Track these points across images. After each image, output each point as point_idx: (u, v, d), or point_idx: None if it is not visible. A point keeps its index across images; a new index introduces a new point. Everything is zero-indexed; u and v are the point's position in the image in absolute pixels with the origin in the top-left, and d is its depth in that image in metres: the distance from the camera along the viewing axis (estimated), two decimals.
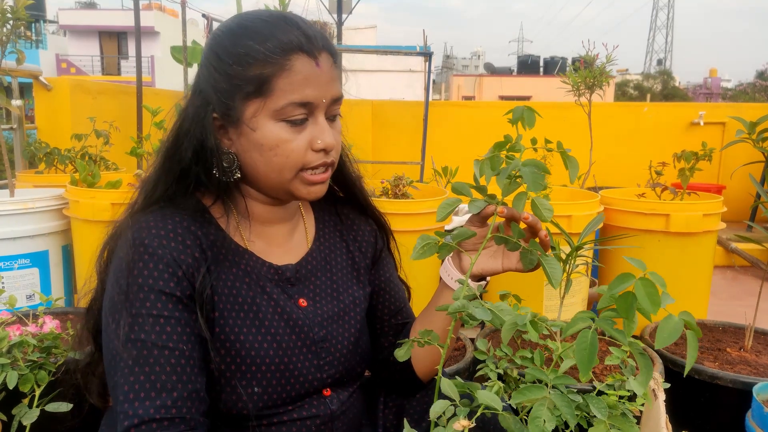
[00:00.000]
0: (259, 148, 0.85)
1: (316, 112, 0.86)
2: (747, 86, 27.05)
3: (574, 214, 2.17)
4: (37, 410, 1.31)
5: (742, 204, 4.34)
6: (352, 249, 1.06)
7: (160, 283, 0.80)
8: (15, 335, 1.40)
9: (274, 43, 0.82)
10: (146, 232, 0.82)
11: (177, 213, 0.86)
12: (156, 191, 0.89)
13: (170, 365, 0.78)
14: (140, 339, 0.78)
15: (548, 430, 0.68)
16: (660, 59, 53.76)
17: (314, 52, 0.84)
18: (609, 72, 2.96)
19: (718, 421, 1.71)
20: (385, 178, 2.39)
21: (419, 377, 1.04)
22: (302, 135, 0.85)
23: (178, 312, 0.80)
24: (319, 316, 0.95)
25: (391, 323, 1.08)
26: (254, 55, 0.82)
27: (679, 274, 2.31)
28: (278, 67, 0.82)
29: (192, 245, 0.84)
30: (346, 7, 9.66)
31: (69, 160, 3.05)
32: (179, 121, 0.90)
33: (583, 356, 0.64)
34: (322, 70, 0.85)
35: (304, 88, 0.83)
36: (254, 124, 0.84)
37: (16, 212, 2.18)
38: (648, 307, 0.63)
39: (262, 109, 0.83)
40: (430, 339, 0.81)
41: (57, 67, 23.22)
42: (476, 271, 0.94)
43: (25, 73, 3.49)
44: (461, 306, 0.72)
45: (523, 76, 29.01)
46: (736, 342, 1.94)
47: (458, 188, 0.83)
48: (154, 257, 0.80)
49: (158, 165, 0.91)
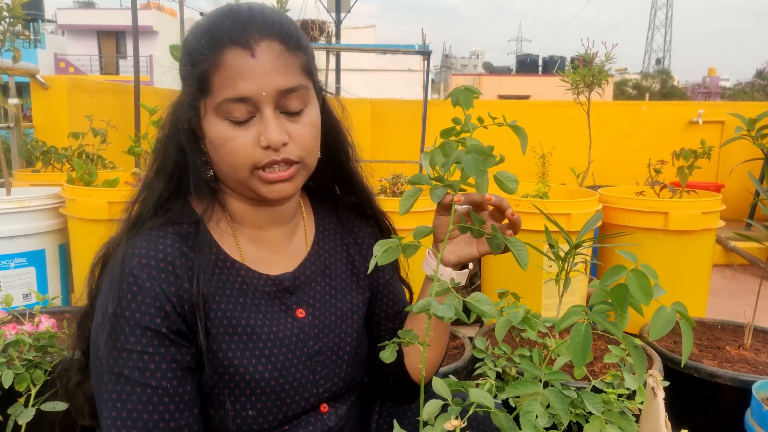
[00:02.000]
0: (213, 146, 0.83)
1: (261, 106, 0.80)
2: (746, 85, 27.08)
3: (572, 212, 2.16)
4: (32, 409, 1.30)
5: (740, 203, 4.34)
6: (352, 253, 1.03)
7: (147, 318, 0.77)
8: (11, 334, 1.40)
9: (206, 38, 0.79)
10: (136, 261, 0.79)
11: (169, 233, 0.83)
12: (152, 198, 0.87)
13: (152, 404, 0.76)
14: (123, 374, 0.76)
15: (540, 425, 0.67)
16: (659, 58, 53.81)
17: (248, 41, 0.78)
18: (608, 71, 2.95)
19: (717, 420, 1.71)
20: (383, 177, 2.39)
21: (414, 380, 1.01)
22: (247, 132, 0.80)
23: (164, 348, 0.78)
24: (315, 327, 0.92)
25: (388, 327, 1.05)
26: (193, 52, 0.80)
27: (677, 272, 2.30)
28: (211, 63, 0.79)
29: (182, 273, 0.81)
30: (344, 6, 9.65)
31: (66, 158, 3.05)
32: (166, 124, 0.89)
33: (577, 349, 0.64)
34: (260, 60, 0.78)
35: (237, 82, 0.78)
36: (206, 123, 0.82)
37: (12, 211, 2.17)
38: (640, 298, 0.63)
39: (208, 107, 0.81)
40: (411, 339, 0.79)
41: (55, 66, 23.19)
42: (453, 260, 0.91)
43: (22, 72, 3.48)
44: (426, 303, 0.69)
45: (521, 76, 29.01)
46: (735, 340, 1.94)
47: (415, 180, 0.81)
48: (142, 290, 0.77)
49: (151, 169, 0.90)
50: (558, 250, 1.50)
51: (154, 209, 0.86)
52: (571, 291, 2.18)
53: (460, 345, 1.86)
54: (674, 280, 2.29)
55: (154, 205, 0.86)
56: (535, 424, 0.67)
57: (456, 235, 0.93)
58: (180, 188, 0.88)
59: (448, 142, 0.78)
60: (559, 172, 3.87)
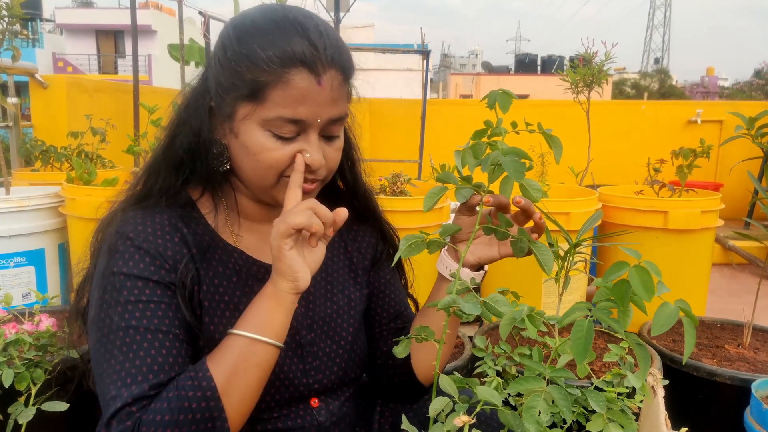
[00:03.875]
0: (245, 151, 0.83)
1: (309, 130, 0.82)
2: (744, 85, 27.10)
3: (572, 211, 2.17)
4: (33, 409, 1.30)
5: (739, 202, 4.34)
6: (350, 249, 1.03)
7: (146, 272, 0.79)
8: (11, 333, 1.40)
9: (276, 52, 0.78)
10: (131, 227, 0.82)
11: (165, 210, 0.86)
12: (154, 181, 0.88)
13: (165, 348, 0.76)
14: (131, 325, 0.76)
15: (543, 421, 0.67)
16: (657, 58, 53.85)
17: (318, 68, 0.78)
18: (607, 70, 2.96)
19: (716, 418, 1.71)
20: (383, 176, 2.39)
21: (420, 380, 1.00)
22: (288, 147, 0.82)
23: (167, 298, 0.80)
24: (308, 318, 0.92)
25: (390, 327, 1.04)
26: (254, 59, 0.78)
27: (677, 271, 2.31)
28: (275, 78, 0.78)
29: (179, 242, 0.84)
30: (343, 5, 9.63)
31: (65, 157, 3.04)
32: (179, 110, 0.89)
33: (579, 345, 0.64)
34: (324, 88, 0.79)
35: (297, 105, 0.79)
36: (243, 127, 0.82)
37: (11, 210, 2.17)
38: (642, 294, 0.63)
39: (253, 114, 0.80)
40: (426, 335, 0.80)
41: (54, 65, 23.17)
42: (473, 261, 0.92)
43: (20, 71, 3.48)
44: (451, 300, 0.70)
45: (520, 75, 29.03)
46: (735, 339, 1.94)
47: (443, 178, 0.82)
48: (140, 250, 0.80)
49: (157, 154, 0.90)
50: (558, 249, 1.50)
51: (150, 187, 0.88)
52: (571, 290, 2.19)
53: (459, 344, 1.86)
54: (673, 279, 2.29)
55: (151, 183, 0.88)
56: (538, 420, 0.67)
57: (478, 235, 0.93)
58: (180, 177, 0.89)
59: (478, 144, 0.79)
60: (558, 172, 3.87)
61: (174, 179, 0.88)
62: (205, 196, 0.91)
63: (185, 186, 0.90)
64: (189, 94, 0.89)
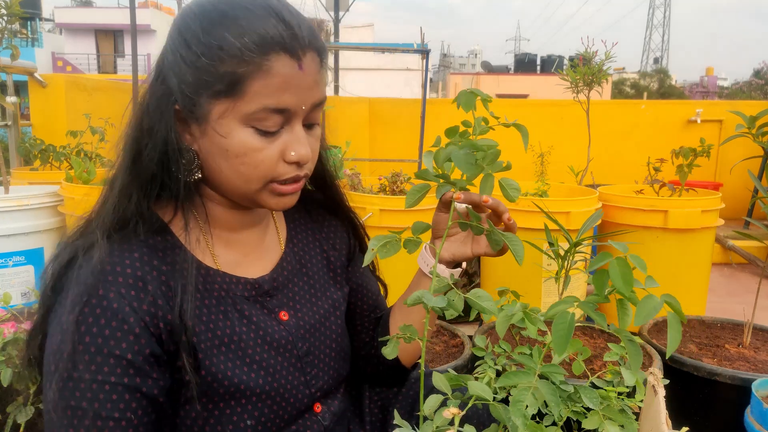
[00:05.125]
0: (224, 154, 0.75)
1: (293, 120, 0.76)
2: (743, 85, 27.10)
3: (572, 210, 2.16)
4: (31, 408, 1.30)
5: (738, 202, 4.34)
6: (326, 248, 1.01)
7: (111, 343, 0.70)
8: (9, 332, 1.39)
9: (252, 38, 0.71)
10: (102, 278, 0.71)
11: (135, 246, 0.76)
12: (126, 205, 0.77)
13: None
14: (81, 407, 0.69)
15: (529, 414, 0.68)
16: (657, 58, 53.85)
17: (298, 51, 0.73)
18: (607, 70, 2.96)
19: (717, 418, 1.71)
20: (383, 175, 2.39)
21: (404, 364, 1.02)
22: (274, 144, 0.75)
23: (128, 378, 0.71)
24: (301, 328, 0.90)
25: (371, 318, 1.05)
26: (228, 49, 0.71)
27: (677, 270, 2.31)
28: (254, 67, 0.71)
29: (155, 289, 0.74)
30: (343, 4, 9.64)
31: (64, 156, 3.04)
32: (139, 115, 0.79)
33: (560, 336, 0.65)
34: (306, 72, 0.74)
35: (281, 93, 0.73)
36: (220, 127, 0.74)
37: (10, 209, 2.17)
38: (620, 285, 0.64)
39: (231, 111, 0.73)
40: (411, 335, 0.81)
41: (53, 65, 23.13)
42: (448, 258, 0.92)
43: (19, 70, 3.47)
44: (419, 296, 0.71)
45: (520, 75, 29.03)
46: (735, 338, 1.94)
47: (422, 175, 0.81)
48: (107, 312, 0.70)
49: (124, 174, 0.78)
50: (558, 248, 1.50)
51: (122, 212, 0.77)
52: (571, 289, 2.19)
53: (459, 343, 1.86)
54: (673, 279, 2.29)
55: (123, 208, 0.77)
56: (525, 413, 0.68)
57: (454, 233, 0.93)
58: (153, 186, 0.79)
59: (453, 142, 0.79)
60: (557, 171, 3.87)
61: (146, 200, 0.78)
62: (177, 215, 0.81)
63: (152, 207, 0.81)
64: (146, 98, 0.78)
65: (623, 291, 0.64)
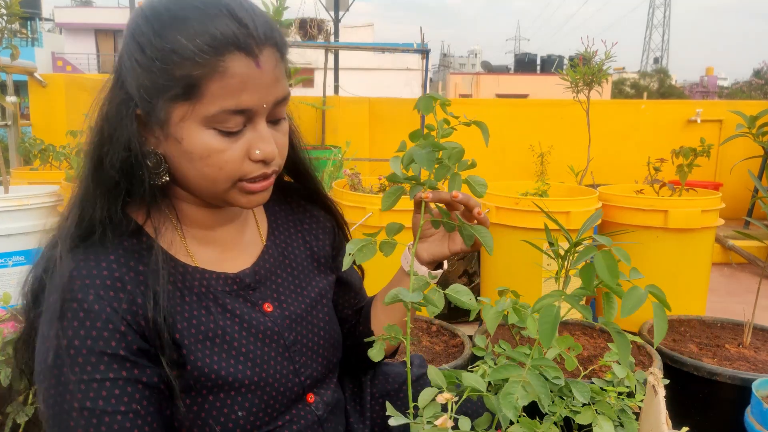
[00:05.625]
0: (188, 157, 0.74)
1: (256, 118, 0.75)
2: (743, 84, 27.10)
3: (572, 210, 2.16)
4: (31, 408, 1.30)
5: (738, 202, 4.34)
6: (309, 238, 1.01)
7: (100, 343, 0.70)
8: (9, 332, 1.39)
9: (205, 39, 0.69)
10: (79, 284, 0.71)
11: (112, 249, 0.75)
12: (91, 212, 0.76)
13: (126, 429, 0.71)
14: (85, 407, 0.69)
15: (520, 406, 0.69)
16: (657, 57, 53.83)
17: (254, 49, 0.71)
18: (607, 69, 2.96)
19: (717, 418, 1.71)
20: (383, 175, 2.39)
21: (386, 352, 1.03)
22: (238, 143, 0.74)
23: (126, 371, 0.72)
24: (287, 318, 0.90)
25: (354, 308, 1.08)
26: (182, 52, 0.70)
27: (677, 270, 2.31)
28: (209, 69, 0.70)
29: (133, 289, 0.74)
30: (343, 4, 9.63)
31: (64, 156, 3.04)
32: (100, 121, 0.77)
33: (546, 328, 0.68)
34: (264, 70, 0.73)
35: (240, 93, 0.71)
36: (181, 131, 0.73)
37: (10, 209, 2.17)
38: (606, 277, 0.65)
39: (191, 114, 0.72)
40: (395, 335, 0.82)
41: (53, 65, 23.12)
42: (427, 258, 0.94)
43: (19, 70, 3.47)
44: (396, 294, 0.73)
45: (520, 75, 29.03)
46: (735, 338, 1.94)
47: (392, 179, 0.84)
48: (90, 314, 0.70)
49: (86, 181, 0.77)
50: (558, 248, 1.50)
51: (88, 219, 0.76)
52: (571, 289, 2.19)
53: (459, 343, 1.86)
54: (674, 278, 2.29)
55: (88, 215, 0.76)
56: (515, 405, 0.69)
57: (431, 234, 0.95)
58: (119, 199, 0.78)
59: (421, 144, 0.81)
60: (557, 171, 3.87)
61: (112, 205, 0.77)
62: (150, 217, 0.80)
63: (126, 210, 0.80)
64: (106, 104, 0.77)
65: (609, 282, 0.65)
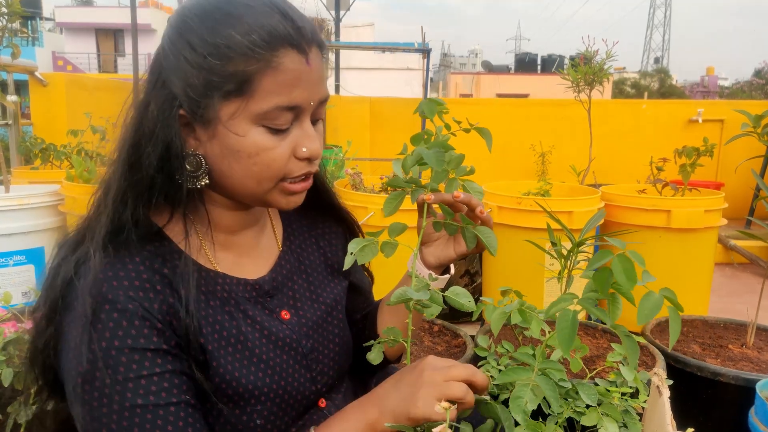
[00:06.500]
0: (236, 155, 0.74)
1: (302, 116, 0.76)
2: (744, 84, 27.07)
3: (575, 210, 2.16)
4: (32, 408, 1.29)
5: (740, 201, 4.34)
6: (322, 244, 1.01)
7: (141, 340, 0.70)
8: (10, 332, 1.39)
9: (260, 35, 0.70)
10: (107, 286, 0.70)
11: (138, 251, 0.75)
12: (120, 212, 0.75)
13: (181, 419, 0.71)
14: (137, 404, 0.68)
15: (529, 411, 0.68)
16: (657, 57, 53.81)
17: (305, 46, 0.73)
18: (608, 69, 2.95)
19: (720, 418, 1.71)
20: (383, 174, 2.38)
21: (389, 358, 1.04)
22: (285, 141, 0.75)
23: (170, 364, 0.72)
24: (304, 326, 0.90)
25: (362, 313, 1.08)
26: (236, 48, 0.70)
27: (680, 270, 2.30)
28: (264, 64, 0.70)
29: (162, 290, 0.74)
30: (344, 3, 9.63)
31: (65, 156, 3.03)
32: (139, 120, 0.76)
33: (564, 335, 0.65)
34: (312, 68, 0.74)
35: (292, 89, 0.72)
36: (232, 127, 0.73)
37: (11, 208, 2.16)
38: (623, 282, 0.64)
39: (243, 111, 0.72)
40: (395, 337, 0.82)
41: (53, 64, 23.12)
42: (434, 262, 0.93)
43: (20, 69, 3.47)
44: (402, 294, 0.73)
45: (520, 74, 29.01)
46: (738, 339, 1.93)
47: (393, 182, 0.84)
48: (126, 314, 0.69)
49: (118, 177, 0.76)
50: (560, 248, 1.49)
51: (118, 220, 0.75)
52: (573, 289, 2.18)
53: (461, 344, 1.85)
54: (676, 278, 2.29)
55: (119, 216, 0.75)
56: (525, 410, 0.68)
57: (436, 237, 0.94)
58: (150, 195, 0.76)
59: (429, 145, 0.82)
60: (559, 171, 3.86)
61: (143, 208, 0.76)
62: (173, 219, 0.79)
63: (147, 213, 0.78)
64: (146, 104, 0.76)
65: (626, 288, 0.64)
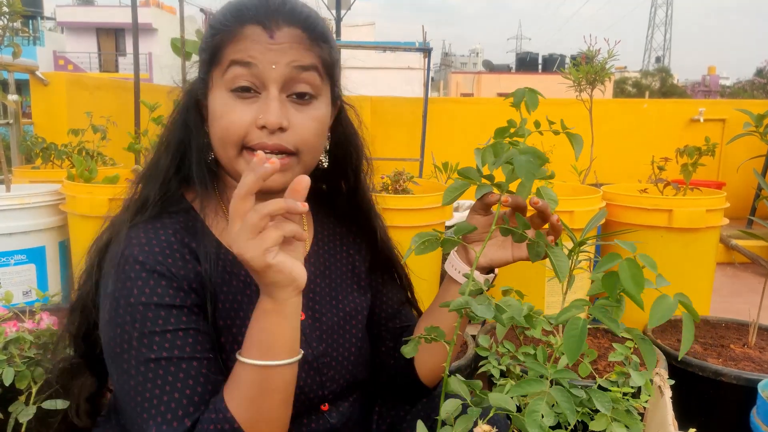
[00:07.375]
0: (211, 120, 0.82)
1: (268, 84, 0.78)
2: (746, 83, 27.04)
3: (576, 209, 2.15)
4: (33, 407, 1.29)
5: (741, 201, 4.33)
6: (352, 252, 1.01)
7: (166, 299, 0.75)
8: (11, 332, 1.38)
9: (231, 12, 0.80)
10: (138, 249, 0.77)
11: (169, 223, 0.82)
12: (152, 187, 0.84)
13: (202, 375, 0.74)
14: (162, 357, 0.73)
15: (546, 425, 0.66)
16: (658, 57, 53.76)
17: (270, 23, 0.78)
18: (610, 68, 2.94)
19: (722, 418, 1.70)
20: (385, 174, 2.38)
21: (422, 380, 0.98)
22: (249, 108, 0.79)
23: (194, 323, 0.76)
24: (317, 330, 0.90)
25: (388, 327, 1.03)
26: (216, 25, 0.81)
27: (681, 269, 2.29)
28: (228, 34, 0.79)
29: (190, 259, 0.80)
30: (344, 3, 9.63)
31: (66, 155, 3.03)
32: (175, 112, 0.89)
33: (572, 343, 0.64)
34: (276, 41, 0.78)
35: (248, 50, 0.78)
36: (212, 94, 0.82)
37: (12, 208, 2.16)
38: (630, 287, 0.62)
39: (218, 78, 0.81)
40: (436, 336, 0.78)
41: (54, 64, 23.13)
42: (484, 263, 0.89)
43: (21, 68, 3.47)
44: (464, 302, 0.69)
45: (521, 74, 28.98)
46: (740, 338, 1.93)
47: (465, 173, 0.79)
48: (154, 274, 0.76)
49: (156, 159, 0.88)
50: (562, 247, 1.48)
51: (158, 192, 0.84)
52: (575, 289, 2.17)
53: (463, 343, 1.85)
54: (678, 278, 2.27)
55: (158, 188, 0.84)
56: (541, 424, 0.66)
57: (493, 236, 0.89)
58: (180, 172, 0.87)
59: (499, 143, 0.76)
60: (559, 170, 3.85)
61: (174, 184, 0.86)
62: (200, 197, 0.85)
63: (180, 189, 0.88)
64: (185, 92, 0.89)
65: (633, 294, 0.62)
